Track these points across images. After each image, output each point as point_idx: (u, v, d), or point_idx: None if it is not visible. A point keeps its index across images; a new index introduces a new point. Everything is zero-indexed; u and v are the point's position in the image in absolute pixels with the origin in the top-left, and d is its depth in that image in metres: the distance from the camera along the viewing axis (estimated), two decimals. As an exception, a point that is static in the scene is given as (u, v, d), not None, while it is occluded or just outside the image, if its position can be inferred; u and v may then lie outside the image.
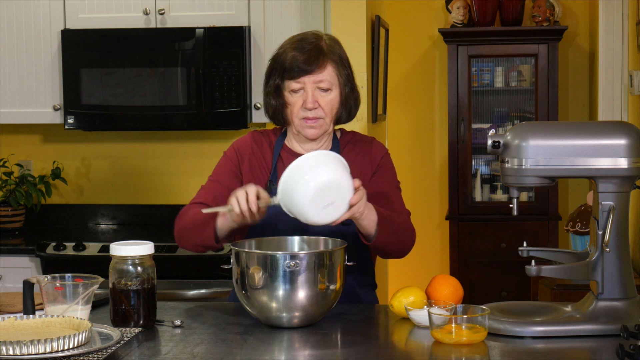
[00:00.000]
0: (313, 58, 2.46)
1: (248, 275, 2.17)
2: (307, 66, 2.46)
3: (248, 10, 4.09)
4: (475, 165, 5.44)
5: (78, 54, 4.12)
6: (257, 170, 2.56)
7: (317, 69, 2.46)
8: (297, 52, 2.47)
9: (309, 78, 2.46)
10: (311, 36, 2.52)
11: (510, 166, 2.12)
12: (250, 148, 2.60)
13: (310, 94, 2.47)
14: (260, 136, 2.63)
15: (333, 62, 2.48)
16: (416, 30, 5.67)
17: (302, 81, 2.47)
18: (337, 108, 2.51)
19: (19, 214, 4.45)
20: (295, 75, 2.47)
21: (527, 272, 2.13)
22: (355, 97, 2.57)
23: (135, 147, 4.54)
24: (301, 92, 2.48)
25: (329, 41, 2.52)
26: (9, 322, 2.01)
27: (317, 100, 2.47)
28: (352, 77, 2.56)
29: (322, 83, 2.47)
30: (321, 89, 2.48)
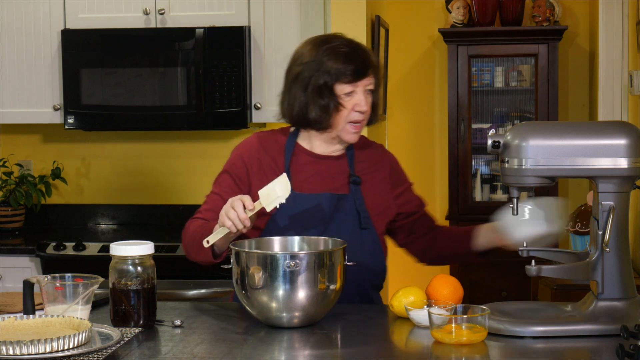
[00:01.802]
0: (366, 62, 2.47)
1: (248, 275, 2.17)
2: (361, 72, 2.46)
3: (248, 10, 4.09)
4: (475, 165, 5.44)
5: (78, 54, 4.12)
6: (269, 175, 2.51)
7: (369, 72, 2.47)
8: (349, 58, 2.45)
9: (362, 82, 2.47)
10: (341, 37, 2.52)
11: (510, 166, 2.12)
12: (257, 152, 2.56)
13: (363, 97, 2.48)
14: (267, 138, 2.59)
15: (376, 65, 2.51)
16: (416, 30, 5.67)
17: (357, 84, 2.46)
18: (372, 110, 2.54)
19: (19, 214, 4.45)
20: (351, 80, 2.45)
21: (527, 272, 2.13)
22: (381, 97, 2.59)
23: (135, 147, 4.54)
24: (352, 95, 2.47)
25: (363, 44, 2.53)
26: (9, 322, 2.01)
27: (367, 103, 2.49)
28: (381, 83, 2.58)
29: (370, 85, 2.49)
30: (368, 91, 2.49)
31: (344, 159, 2.57)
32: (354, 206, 2.51)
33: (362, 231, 2.49)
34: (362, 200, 2.52)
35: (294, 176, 2.52)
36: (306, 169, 2.54)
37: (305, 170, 2.54)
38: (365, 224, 2.50)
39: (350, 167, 2.56)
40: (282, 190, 2.26)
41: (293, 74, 2.51)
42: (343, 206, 2.50)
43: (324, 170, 2.55)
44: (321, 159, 2.56)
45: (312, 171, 2.54)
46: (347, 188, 2.53)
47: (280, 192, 2.26)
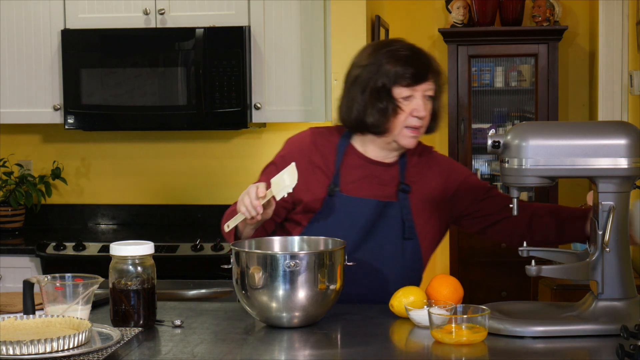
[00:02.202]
0: (426, 66, 2.43)
1: (248, 275, 2.17)
2: (423, 73, 2.42)
3: (248, 10, 4.09)
4: (475, 165, 5.44)
5: (78, 54, 4.12)
6: (318, 172, 2.51)
7: (429, 78, 2.43)
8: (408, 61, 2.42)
9: (421, 86, 2.43)
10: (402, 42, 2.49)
11: (510, 166, 2.12)
12: (308, 149, 2.54)
13: (422, 102, 2.44)
14: (321, 135, 2.57)
15: (436, 71, 2.46)
16: (416, 30, 5.67)
17: (415, 89, 2.42)
18: (430, 118, 2.48)
19: (19, 214, 4.45)
20: (409, 83, 2.42)
21: (527, 272, 2.13)
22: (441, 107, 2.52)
23: (135, 147, 4.54)
24: (411, 100, 2.43)
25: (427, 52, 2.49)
26: (9, 322, 2.01)
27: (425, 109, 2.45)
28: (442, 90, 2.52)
29: (430, 91, 2.44)
30: (428, 98, 2.45)
31: (395, 166, 2.53)
32: (400, 215, 2.48)
33: (404, 241, 2.47)
34: (409, 210, 2.49)
35: (343, 177, 2.50)
36: (356, 171, 2.51)
37: (355, 172, 2.51)
38: (409, 234, 2.48)
39: (402, 174, 2.52)
40: (290, 180, 2.29)
41: (352, 77, 2.49)
42: (389, 214, 2.48)
43: (374, 175, 2.51)
44: (372, 163, 2.52)
45: (362, 175, 2.51)
46: (396, 196, 2.50)
47: (288, 181, 2.29)
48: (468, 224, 2.60)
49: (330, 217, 2.47)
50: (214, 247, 3.88)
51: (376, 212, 2.47)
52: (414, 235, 2.49)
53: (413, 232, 2.49)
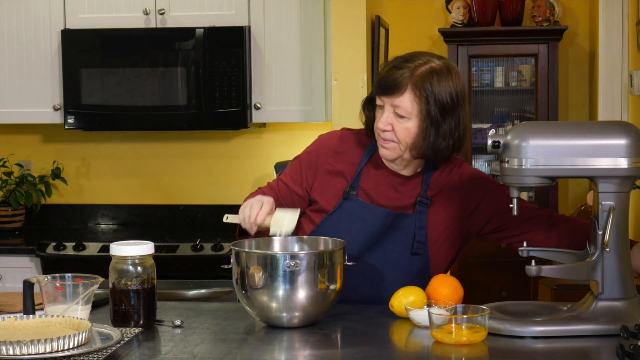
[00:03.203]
0: (396, 82, 2.36)
1: (248, 275, 2.17)
2: (387, 87, 2.38)
3: (248, 10, 4.10)
4: (475, 165, 5.44)
5: (78, 54, 4.12)
6: (338, 174, 2.50)
7: (395, 94, 2.36)
8: (389, 70, 2.40)
9: (388, 99, 2.39)
10: (418, 58, 2.39)
11: (510, 166, 2.12)
12: (333, 150, 2.53)
13: (386, 115, 2.39)
14: (351, 137, 2.56)
15: (414, 91, 2.34)
16: (416, 30, 5.67)
17: (383, 100, 2.40)
18: (413, 138, 2.37)
19: (19, 214, 4.45)
20: (378, 93, 2.42)
21: (527, 272, 2.13)
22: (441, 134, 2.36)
23: (135, 147, 4.54)
24: (381, 110, 2.42)
25: (428, 70, 2.36)
26: (9, 322, 2.01)
27: (391, 123, 2.38)
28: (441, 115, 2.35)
29: (398, 109, 2.37)
30: (397, 115, 2.38)
31: (418, 178, 2.49)
32: (413, 228, 2.44)
33: (412, 256, 2.44)
34: (424, 224, 2.44)
35: (362, 182, 2.49)
36: (376, 178, 2.49)
37: (374, 179, 2.49)
38: (417, 249, 2.44)
39: (424, 186, 2.47)
40: (287, 224, 2.34)
41: None
42: (401, 225, 2.44)
43: (394, 186, 2.48)
44: (391, 174, 2.49)
45: (382, 182, 2.49)
46: (413, 208, 2.46)
47: (285, 225, 2.34)
48: (495, 237, 2.51)
49: (341, 219, 2.47)
50: (214, 247, 3.88)
51: (387, 221, 2.44)
52: (422, 251, 2.44)
53: (422, 248, 2.44)
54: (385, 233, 2.45)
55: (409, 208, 2.46)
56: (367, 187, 2.49)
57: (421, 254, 2.44)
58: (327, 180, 2.51)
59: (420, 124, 2.36)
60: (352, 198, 2.47)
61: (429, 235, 2.45)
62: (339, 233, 2.41)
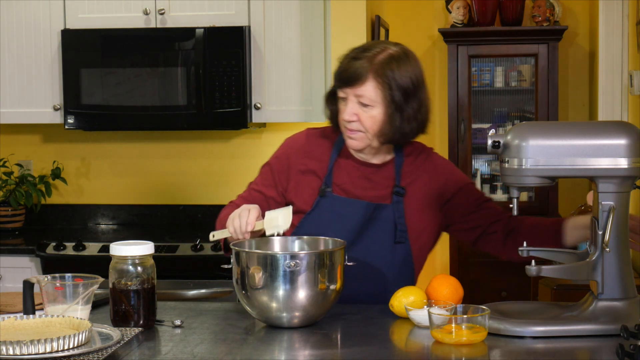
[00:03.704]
0: (357, 72, 2.40)
1: (248, 275, 2.17)
2: (348, 79, 2.41)
3: (248, 10, 4.10)
4: (475, 165, 5.44)
5: (78, 54, 4.12)
6: (310, 173, 2.52)
7: (357, 84, 2.40)
8: (348, 62, 2.43)
9: (351, 90, 2.42)
10: (375, 47, 2.44)
11: (510, 166, 2.12)
12: (302, 149, 2.56)
13: (350, 106, 2.42)
14: (318, 135, 2.58)
15: (376, 79, 2.39)
16: (416, 30, 5.67)
17: (345, 92, 2.43)
18: (379, 125, 2.41)
19: (19, 214, 4.45)
20: (340, 85, 2.44)
21: (527, 272, 2.13)
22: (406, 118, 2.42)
23: (135, 147, 4.54)
24: (345, 102, 2.44)
25: (387, 57, 2.41)
26: (9, 322, 2.01)
27: (356, 113, 2.42)
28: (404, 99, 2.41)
29: (362, 98, 2.41)
30: (362, 104, 2.41)
31: (389, 166, 2.52)
32: (393, 218, 2.47)
33: (395, 245, 2.46)
34: (402, 213, 2.47)
35: (335, 178, 2.50)
36: (348, 172, 2.51)
37: (347, 173, 2.51)
38: (400, 237, 2.46)
39: (397, 176, 2.51)
40: (283, 222, 2.32)
41: None
42: (381, 216, 2.47)
43: (366, 176, 2.51)
44: (363, 164, 2.52)
45: (354, 175, 2.51)
46: (390, 198, 2.49)
47: (282, 223, 2.33)
48: (458, 233, 2.61)
49: (321, 217, 2.48)
50: (214, 247, 3.88)
51: (367, 213, 2.46)
52: (405, 239, 2.47)
53: (404, 235, 2.47)
54: (365, 225, 2.47)
55: (386, 198, 2.49)
56: (341, 181, 2.50)
57: (404, 242, 2.47)
58: (301, 181, 2.52)
59: (385, 110, 2.41)
60: (328, 195, 2.49)
61: (408, 224, 2.48)
62: (320, 231, 2.42)
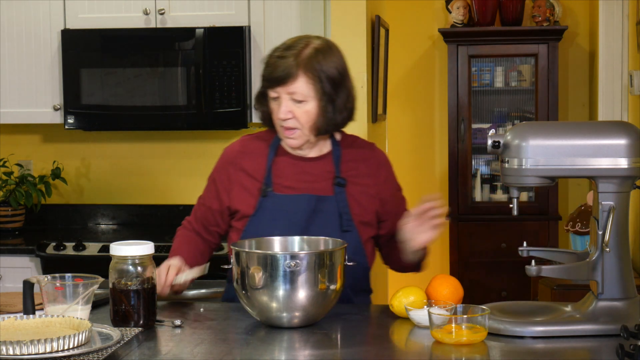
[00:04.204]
0: (286, 70, 2.44)
1: (248, 275, 2.17)
2: (279, 77, 2.45)
3: (248, 10, 4.09)
4: (475, 165, 5.44)
5: (78, 54, 4.12)
6: (250, 176, 2.55)
7: (289, 81, 2.44)
8: (275, 61, 2.46)
9: (283, 89, 2.45)
10: (298, 43, 2.48)
11: (510, 166, 2.12)
12: (239, 156, 2.59)
13: (284, 104, 2.46)
14: (251, 140, 2.62)
15: (306, 74, 2.43)
16: (416, 30, 5.67)
17: (277, 91, 2.47)
18: (314, 119, 2.47)
19: (19, 214, 4.45)
20: (270, 85, 2.47)
21: (527, 272, 2.13)
22: (337, 108, 2.48)
23: (135, 147, 4.54)
24: (278, 101, 2.48)
25: (312, 51, 2.46)
26: (9, 322, 2.01)
27: (291, 110, 2.46)
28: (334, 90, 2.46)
29: (295, 95, 2.45)
30: (295, 100, 2.45)
31: (327, 158, 2.56)
32: (337, 208, 2.50)
33: (343, 234, 2.47)
34: (346, 203, 2.50)
35: (275, 177, 2.53)
36: (287, 169, 2.54)
37: (286, 171, 2.54)
38: (347, 226, 2.49)
39: (336, 167, 2.54)
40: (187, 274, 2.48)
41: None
42: (325, 208, 2.50)
43: (305, 171, 2.54)
44: (300, 160, 2.56)
45: (293, 172, 2.54)
46: (332, 190, 2.52)
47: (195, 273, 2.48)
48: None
49: (266, 217, 2.50)
50: (214, 247, 3.87)
51: (310, 206, 2.49)
52: (352, 228, 2.49)
53: (351, 224, 2.49)
54: (311, 219, 2.48)
55: (328, 190, 2.52)
56: (281, 180, 2.53)
57: (351, 231, 2.48)
58: (242, 188, 2.55)
59: (319, 103, 2.46)
60: (269, 194, 2.51)
61: (353, 213, 2.51)
62: (266, 231, 2.44)
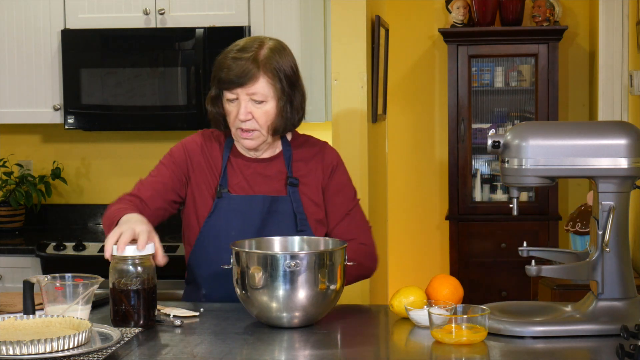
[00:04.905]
0: (246, 71, 2.43)
1: (248, 275, 2.17)
2: (239, 79, 2.43)
3: (248, 10, 4.09)
4: (475, 165, 5.44)
5: (78, 54, 4.12)
6: (208, 174, 2.55)
7: (249, 82, 2.43)
8: (232, 63, 2.45)
9: (242, 90, 2.45)
10: (252, 44, 2.49)
11: (510, 166, 2.12)
12: (200, 148, 2.58)
13: (243, 105, 2.45)
14: (211, 136, 2.61)
15: (266, 74, 2.44)
16: (416, 30, 5.67)
17: (236, 92, 2.45)
18: (272, 119, 2.48)
19: (19, 214, 4.45)
20: (228, 87, 2.45)
21: (527, 272, 2.13)
22: (294, 108, 2.50)
23: (135, 147, 4.54)
24: (236, 102, 2.47)
25: (268, 51, 2.47)
26: (9, 322, 2.01)
27: (250, 112, 2.45)
28: (291, 89, 2.49)
29: (255, 95, 2.45)
30: (255, 101, 2.45)
31: (279, 159, 2.57)
32: (291, 208, 2.51)
33: (298, 233, 2.47)
34: (300, 203, 2.52)
35: (230, 178, 2.54)
36: (240, 170, 2.55)
37: (240, 172, 2.55)
38: (302, 226, 2.50)
39: (288, 167, 2.55)
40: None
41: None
42: (279, 208, 2.51)
43: (259, 171, 2.55)
44: (253, 161, 2.56)
45: (247, 173, 2.55)
46: (285, 190, 2.54)
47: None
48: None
49: (221, 218, 2.51)
50: (214, 247, 3.87)
51: (265, 207, 2.50)
52: (306, 227, 2.51)
53: (305, 224, 2.51)
54: (266, 219, 2.50)
55: (281, 191, 2.53)
56: (235, 181, 2.54)
57: (305, 231, 2.50)
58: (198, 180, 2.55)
59: (277, 103, 2.47)
60: (225, 195, 2.51)
61: (307, 212, 2.52)
62: (222, 232, 2.46)
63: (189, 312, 2.31)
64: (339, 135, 3.94)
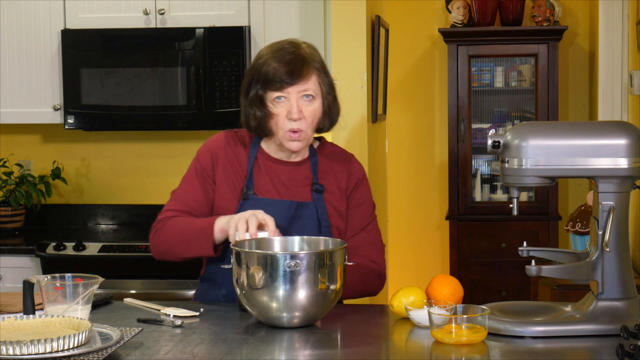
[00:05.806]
0: (298, 68, 2.42)
1: (248, 275, 2.17)
2: (290, 76, 2.42)
3: (248, 10, 4.09)
4: (475, 165, 5.44)
5: (78, 54, 4.12)
6: (232, 175, 2.54)
7: (301, 79, 2.43)
8: (279, 63, 2.42)
9: (293, 88, 2.43)
10: (289, 45, 2.47)
11: (510, 166, 2.12)
12: (224, 150, 2.56)
13: (295, 103, 2.44)
14: (235, 137, 2.59)
15: (316, 70, 2.45)
16: (416, 30, 5.67)
17: (287, 91, 2.43)
18: (319, 118, 2.48)
19: (19, 214, 4.45)
20: (279, 87, 2.42)
21: (527, 272, 2.13)
22: (337, 105, 2.54)
23: (135, 147, 4.54)
24: (285, 102, 2.44)
25: (308, 49, 2.48)
26: (9, 322, 2.01)
27: (301, 110, 2.44)
28: (334, 85, 2.52)
29: (308, 91, 2.44)
30: (306, 98, 2.44)
31: (306, 164, 2.56)
32: (316, 214, 2.50)
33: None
34: (325, 209, 2.51)
35: (256, 180, 2.53)
36: (267, 172, 2.54)
37: (266, 174, 2.54)
38: (326, 233, 2.49)
39: (314, 173, 2.54)
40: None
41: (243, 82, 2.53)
42: (304, 214, 2.50)
43: (285, 175, 2.54)
44: (281, 164, 2.55)
45: (273, 175, 2.54)
46: (310, 196, 2.52)
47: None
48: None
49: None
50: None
51: (291, 212, 2.49)
52: (330, 235, 2.49)
53: (329, 231, 2.50)
54: (291, 224, 2.48)
55: (307, 196, 2.52)
56: (261, 183, 2.52)
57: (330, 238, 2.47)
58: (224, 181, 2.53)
59: (324, 100, 2.48)
60: (250, 198, 2.50)
61: (331, 219, 2.51)
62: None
63: (189, 312, 2.31)
64: (339, 135, 3.94)
